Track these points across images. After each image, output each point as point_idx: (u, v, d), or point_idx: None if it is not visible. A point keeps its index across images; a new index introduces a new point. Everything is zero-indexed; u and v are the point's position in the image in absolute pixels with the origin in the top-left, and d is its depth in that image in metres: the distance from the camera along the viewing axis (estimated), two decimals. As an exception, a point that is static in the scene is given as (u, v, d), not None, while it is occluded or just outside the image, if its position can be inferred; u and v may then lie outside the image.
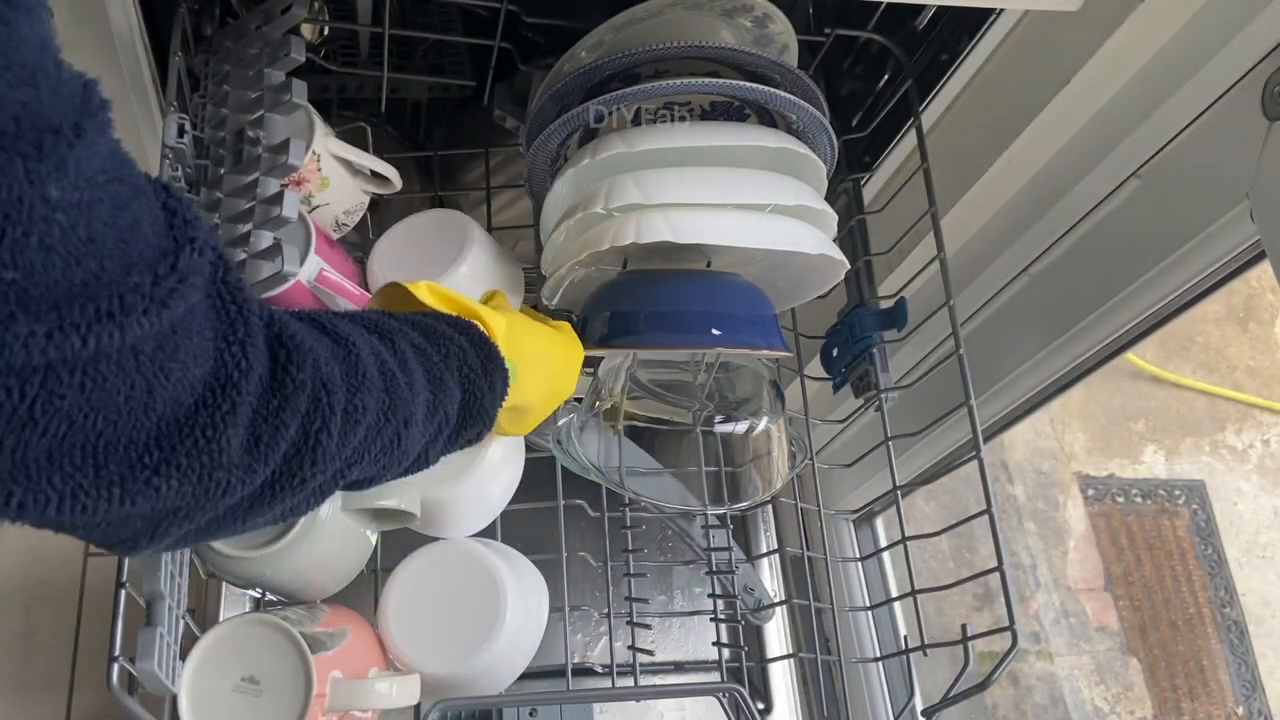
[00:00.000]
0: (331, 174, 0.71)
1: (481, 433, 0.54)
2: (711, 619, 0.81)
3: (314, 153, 0.69)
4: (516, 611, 0.66)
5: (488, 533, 0.73)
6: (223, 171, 0.67)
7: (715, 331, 0.62)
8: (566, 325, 0.67)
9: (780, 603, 1.06)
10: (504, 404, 0.55)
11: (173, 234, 0.32)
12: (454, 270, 0.72)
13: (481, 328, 0.55)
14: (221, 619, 0.61)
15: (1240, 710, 1.84)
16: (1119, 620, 1.88)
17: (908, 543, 0.72)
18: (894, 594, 1.07)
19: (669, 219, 0.59)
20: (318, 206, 0.72)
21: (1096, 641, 1.86)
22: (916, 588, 0.71)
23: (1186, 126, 0.65)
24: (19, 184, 0.26)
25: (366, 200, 0.76)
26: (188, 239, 0.32)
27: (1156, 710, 1.82)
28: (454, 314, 0.55)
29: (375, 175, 0.74)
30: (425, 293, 0.55)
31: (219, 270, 0.36)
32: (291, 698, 0.56)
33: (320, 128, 0.70)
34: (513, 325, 0.58)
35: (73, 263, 0.28)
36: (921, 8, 0.71)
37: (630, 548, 0.80)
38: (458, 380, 0.50)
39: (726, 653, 0.79)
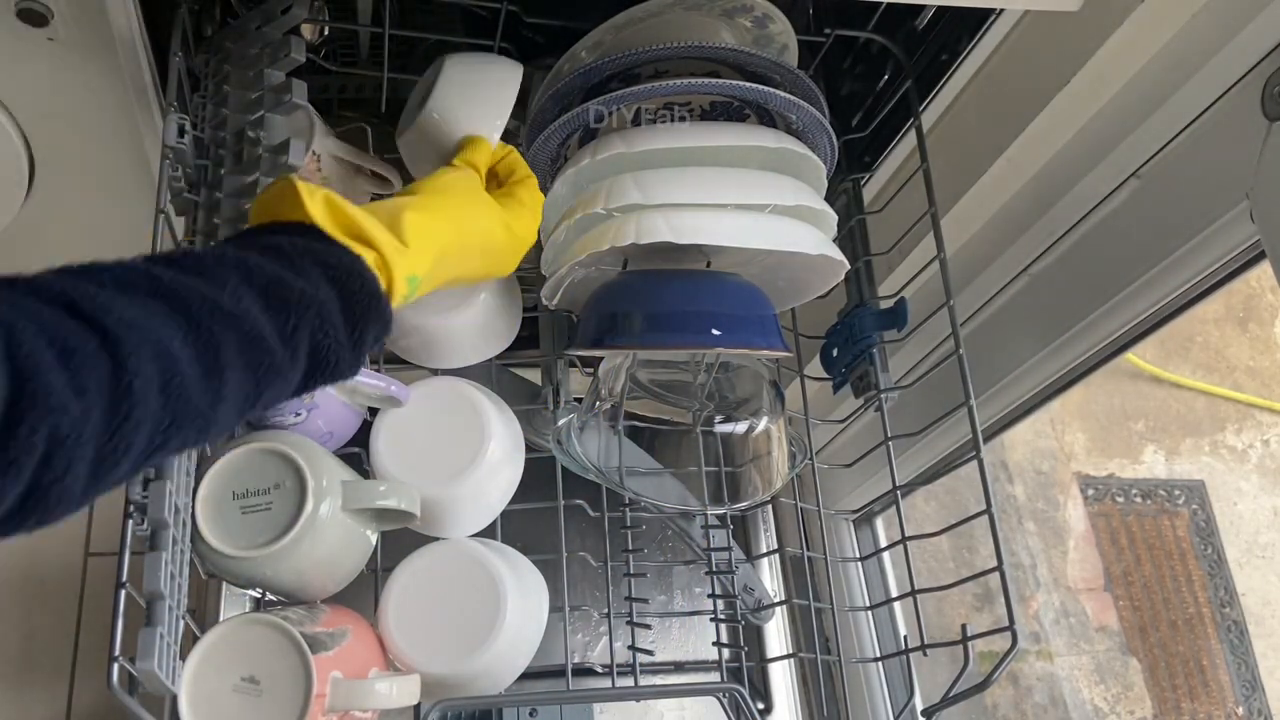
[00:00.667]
0: (331, 174, 0.71)
1: (333, 380, 0.46)
2: (711, 619, 0.81)
3: (314, 153, 0.69)
4: (516, 611, 0.66)
5: (488, 533, 0.73)
6: (223, 172, 0.66)
7: (715, 332, 0.62)
8: (528, 197, 0.61)
9: (780, 603, 1.06)
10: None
11: None
12: (472, 299, 0.72)
13: (370, 262, 0.47)
14: (221, 619, 0.61)
15: (1240, 710, 1.84)
16: (1119, 620, 1.88)
17: (908, 543, 0.72)
18: (894, 594, 1.07)
19: (669, 219, 0.59)
20: (317, 207, 0.72)
21: (1096, 641, 1.86)
22: (916, 588, 0.71)
23: (1186, 127, 0.65)
24: None
25: (366, 200, 0.76)
26: None
27: (1156, 710, 1.82)
28: (342, 240, 0.46)
29: (375, 175, 0.74)
30: (320, 206, 0.47)
31: None
32: (291, 698, 0.56)
33: (320, 128, 0.70)
34: (427, 232, 0.51)
35: None
36: (921, 8, 0.71)
37: (630, 548, 0.80)
38: (307, 350, 0.43)
39: (726, 653, 0.79)
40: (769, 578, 1.15)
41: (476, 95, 0.65)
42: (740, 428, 0.78)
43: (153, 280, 0.38)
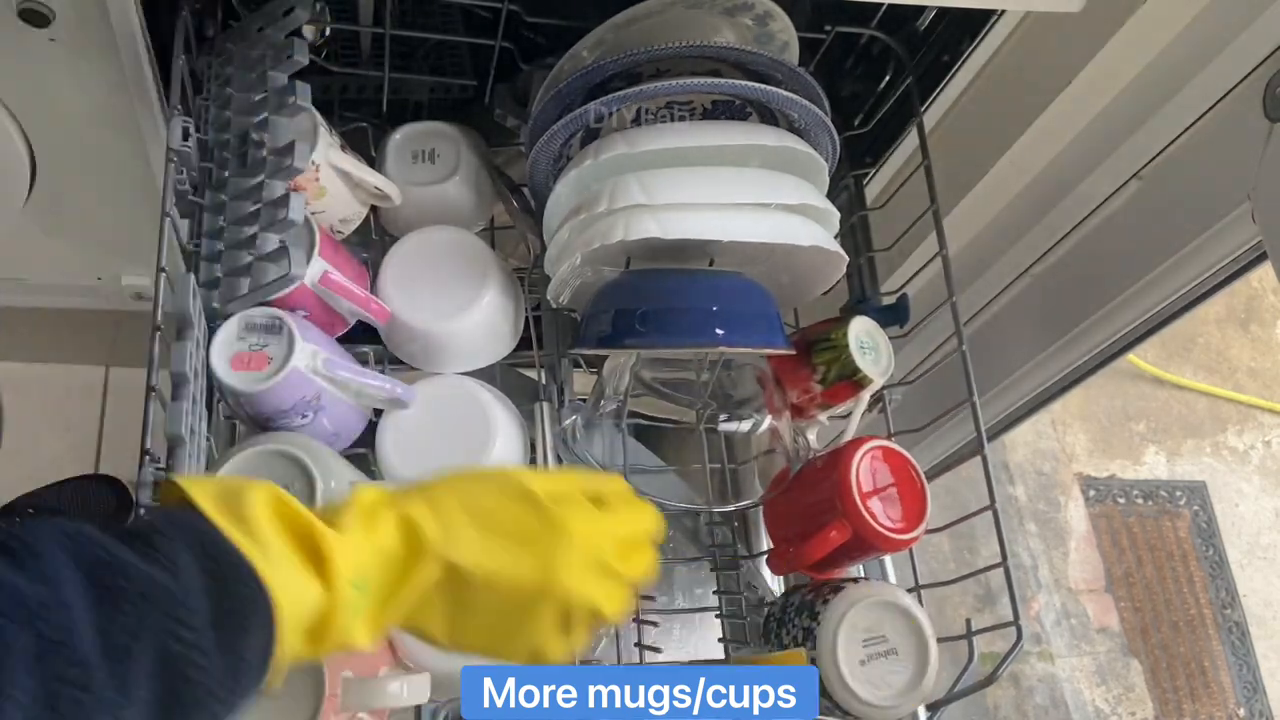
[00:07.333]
0: (329, 184, 0.70)
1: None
2: (716, 615, 0.81)
3: (313, 163, 0.68)
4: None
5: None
6: (227, 174, 0.66)
7: (719, 331, 0.62)
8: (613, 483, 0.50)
9: (782, 602, 1.06)
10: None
11: None
12: (474, 303, 0.72)
13: (260, 574, 0.36)
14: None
15: (1242, 712, 1.84)
16: (1120, 621, 1.88)
17: (910, 541, 0.72)
18: (896, 594, 1.07)
19: (657, 216, 0.59)
20: (313, 213, 0.71)
21: (1097, 643, 1.86)
22: (919, 584, 0.72)
23: (1188, 128, 0.65)
24: None
25: (365, 210, 0.75)
26: None
27: (1158, 712, 1.82)
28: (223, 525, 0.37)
29: (376, 191, 0.74)
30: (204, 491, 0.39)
31: None
32: (303, 698, 0.55)
33: (325, 137, 0.69)
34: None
35: None
36: (923, 9, 0.72)
37: (633, 547, 0.80)
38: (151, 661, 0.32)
39: (731, 649, 0.80)
40: (772, 574, 1.15)
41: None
42: (744, 425, 0.78)
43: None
